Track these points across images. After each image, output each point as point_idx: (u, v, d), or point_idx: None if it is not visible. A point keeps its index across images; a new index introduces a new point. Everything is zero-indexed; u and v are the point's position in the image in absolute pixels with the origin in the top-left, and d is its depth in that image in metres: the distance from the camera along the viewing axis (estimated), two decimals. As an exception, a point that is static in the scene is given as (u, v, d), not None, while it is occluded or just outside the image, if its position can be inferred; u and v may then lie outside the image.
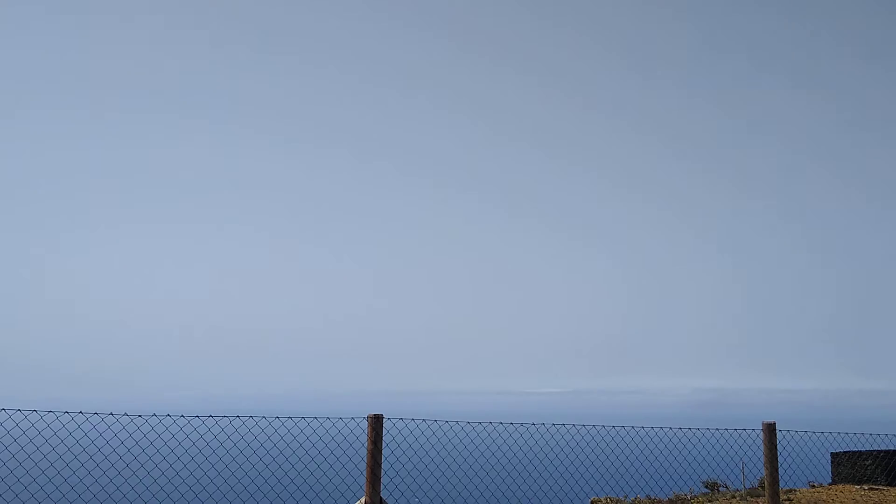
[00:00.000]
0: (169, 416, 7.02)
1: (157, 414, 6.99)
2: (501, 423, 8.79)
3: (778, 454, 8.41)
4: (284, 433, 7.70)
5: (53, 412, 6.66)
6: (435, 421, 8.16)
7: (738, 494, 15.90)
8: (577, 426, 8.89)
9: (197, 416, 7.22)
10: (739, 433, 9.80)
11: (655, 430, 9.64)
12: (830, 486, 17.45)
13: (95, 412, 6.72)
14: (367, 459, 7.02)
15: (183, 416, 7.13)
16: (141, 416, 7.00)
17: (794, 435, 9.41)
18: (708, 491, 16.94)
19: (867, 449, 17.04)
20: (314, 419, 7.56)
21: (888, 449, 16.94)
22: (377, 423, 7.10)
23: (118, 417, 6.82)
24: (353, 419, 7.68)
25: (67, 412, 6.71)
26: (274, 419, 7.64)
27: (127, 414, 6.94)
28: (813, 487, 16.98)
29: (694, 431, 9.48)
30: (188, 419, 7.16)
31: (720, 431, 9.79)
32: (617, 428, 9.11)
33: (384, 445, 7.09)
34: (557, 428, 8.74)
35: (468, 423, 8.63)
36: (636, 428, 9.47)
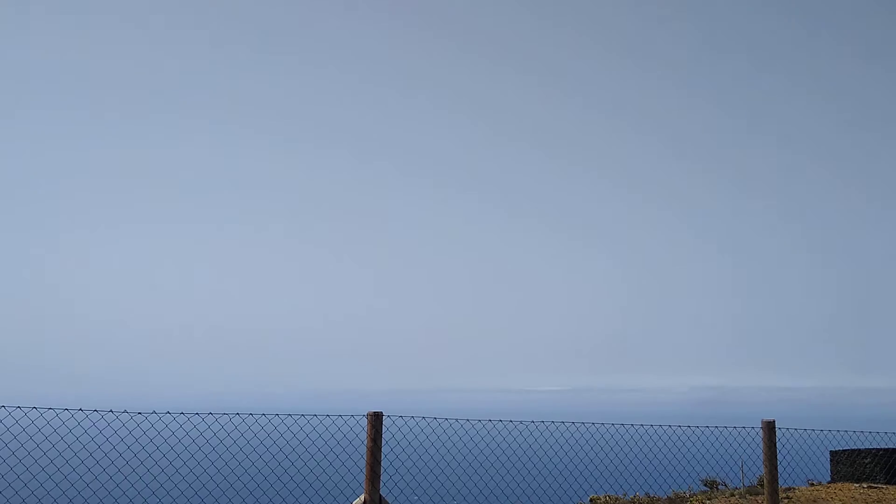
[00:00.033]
0: (169, 413, 7.02)
1: (156, 411, 7.00)
2: (501, 420, 8.80)
3: (777, 452, 8.41)
4: (284, 430, 7.70)
5: (53, 409, 6.67)
6: (434, 419, 8.16)
7: (737, 492, 15.91)
8: (576, 424, 8.90)
9: (197, 413, 7.22)
10: (738, 431, 9.80)
11: (654, 427, 9.65)
12: (829, 484, 17.47)
13: (95, 409, 6.72)
14: (366, 457, 7.03)
15: (183, 413, 7.13)
16: (141, 413, 7.01)
17: (793, 433, 9.41)
18: (707, 489, 16.96)
19: (866, 447, 17.06)
20: (314, 416, 7.56)
21: (887, 447, 16.97)
22: (377, 420, 7.10)
23: (118, 415, 6.82)
24: (352, 417, 7.69)
25: (67, 409, 6.72)
26: (274, 416, 7.64)
27: (127, 411, 6.94)
28: (812, 486, 17.00)
29: (693, 429, 9.48)
30: (188, 416, 7.16)
31: (719, 429, 9.79)
32: (616, 426, 9.11)
33: (384, 443, 7.09)
34: (557, 426, 8.75)
35: (468, 420, 8.63)
36: (635, 426, 9.48)
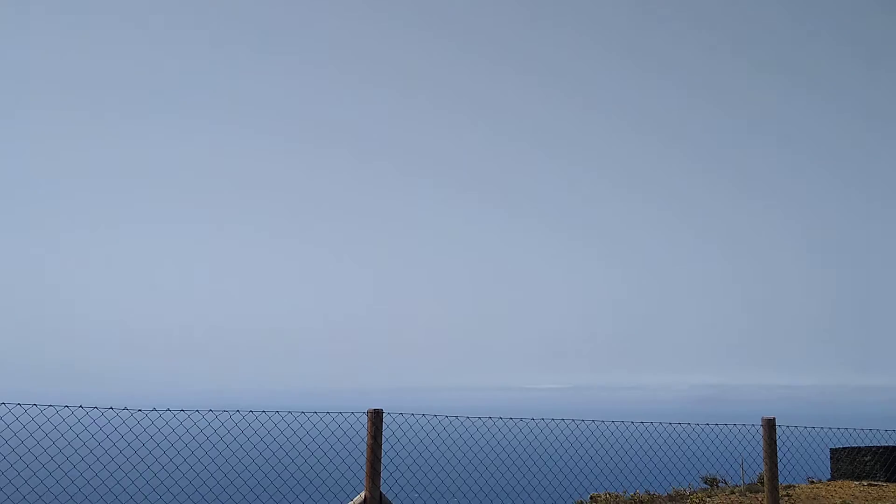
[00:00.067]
0: (169, 410, 7.01)
1: (156, 408, 6.99)
2: (501, 418, 8.79)
3: (777, 450, 8.41)
4: (284, 428, 7.70)
5: (53, 406, 6.66)
6: (434, 416, 8.16)
7: (737, 490, 15.91)
8: (576, 421, 8.89)
9: (197, 410, 7.22)
10: (739, 429, 9.80)
11: (655, 425, 9.65)
12: (829, 482, 17.47)
13: (95, 406, 6.72)
14: (367, 454, 7.03)
15: (183, 410, 7.12)
16: (141, 410, 7.01)
17: (793, 431, 9.41)
18: (707, 486, 16.95)
19: (866, 445, 17.07)
20: (314, 414, 7.56)
21: (887, 445, 16.96)
22: (377, 417, 7.10)
23: (118, 412, 6.82)
24: (353, 414, 7.69)
25: (67, 406, 6.71)
26: (274, 414, 7.64)
27: (127, 408, 6.95)
28: (812, 483, 16.99)
29: (693, 427, 9.48)
30: (188, 413, 7.16)
31: (719, 427, 9.79)
32: (616, 423, 9.12)
33: (384, 440, 7.09)
34: (557, 423, 8.75)
35: (468, 418, 8.62)
36: (635, 423, 9.49)
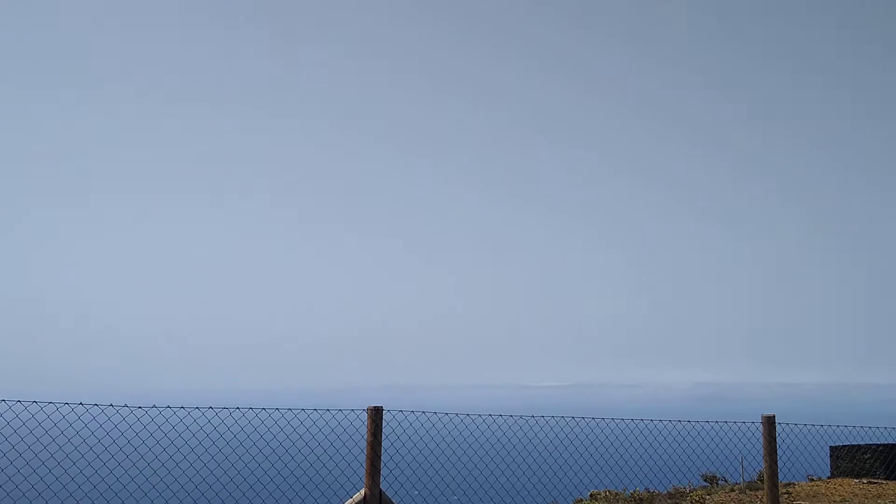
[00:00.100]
0: (169, 407, 7.02)
1: (157, 405, 6.99)
2: (501, 415, 8.79)
3: (777, 447, 8.41)
4: (284, 425, 7.71)
5: (53, 403, 6.67)
6: (434, 413, 8.17)
7: (737, 488, 15.92)
8: (576, 419, 8.88)
9: (197, 407, 7.22)
10: (739, 426, 9.81)
11: (654, 422, 9.67)
12: (829, 479, 17.47)
13: (95, 403, 6.72)
14: (366, 451, 7.04)
15: (183, 407, 7.12)
16: (141, 407, 7.01)
17: (793, 428, 9.41)
18: (707, 484, 16.96)
19: (866, 443, 17.07)
20: (314, 411, 7.56)
21: (887, 443, 16.96)
22: (377, 415, 7.11)
23: (118, 409, 6.82)
24: (353, 411, 7.69)
25: (67, 403, 6.72)
26: (274, 411, 7.65)
27: (127, 405, 6.94)
28: (812, 481, 16.99)
29: (693, 424, 9.49)
30: (188, 410, 7.16)
31: (719, 424, 9.80)
32: (616, 421, 9.11)
33: (384, 437, 7.10)
34: (557, 420, 8.75)
35: (467, 415, 8.63)
36: (635, 421, 9.50)
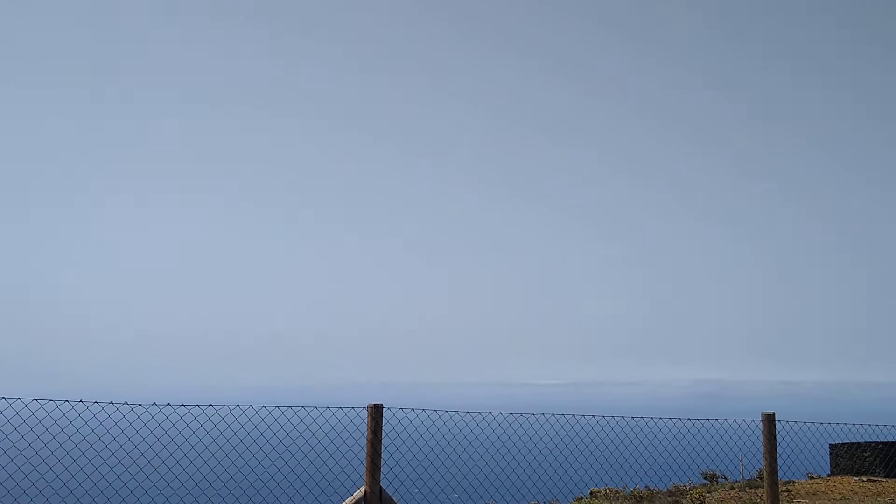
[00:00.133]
0: (169, 404, 7.02)
1: (157, 403, 6.99)
2: (501, 413, 8.79)
3: (777, 445, 8.41)
4: (284, 422, 7.71)
5: (54, 401, 6.67)
6: (434, 411, 8.17)
7: (736, 485, 15.95)
8: (576, 416, 8.89)
9: (197, 404, 7.22)
10: (739, 424, 9.81)
11: (655, 420, 9.67)
12: (829, 477, 17.50)
13: (95, 401, 6.72)
14: (367, 449, 7.04)
15: (183, 404, 7.13)
16: (141, 404, 7.00)
17: (793, 426, 9.41)
18: (707, 482, 17.00)
19: (866, 441, 17.10)
20: (314, 408, 7.56)
21: (886, 441, 16.98)
22: (377, 412, 7.11)
23: (118, 406, 6.82)
24: (353, 409, 7.69)
25: (68, 401, 6.72)
26: (274, 408, 7.65)
27: (127, 402, 6.94)
28: (812, 479, 17.02)
29: (693, 422, 9.48)
30: (188, 408, 7.16)
31: (719, 422, 9.80)
32: (616, 418, 9.11)
33: (384, 435, 7.10)
34: (557, 418, 8.74)
35: (468, 413, 8.63)
36: (636, 418, 9.49)
